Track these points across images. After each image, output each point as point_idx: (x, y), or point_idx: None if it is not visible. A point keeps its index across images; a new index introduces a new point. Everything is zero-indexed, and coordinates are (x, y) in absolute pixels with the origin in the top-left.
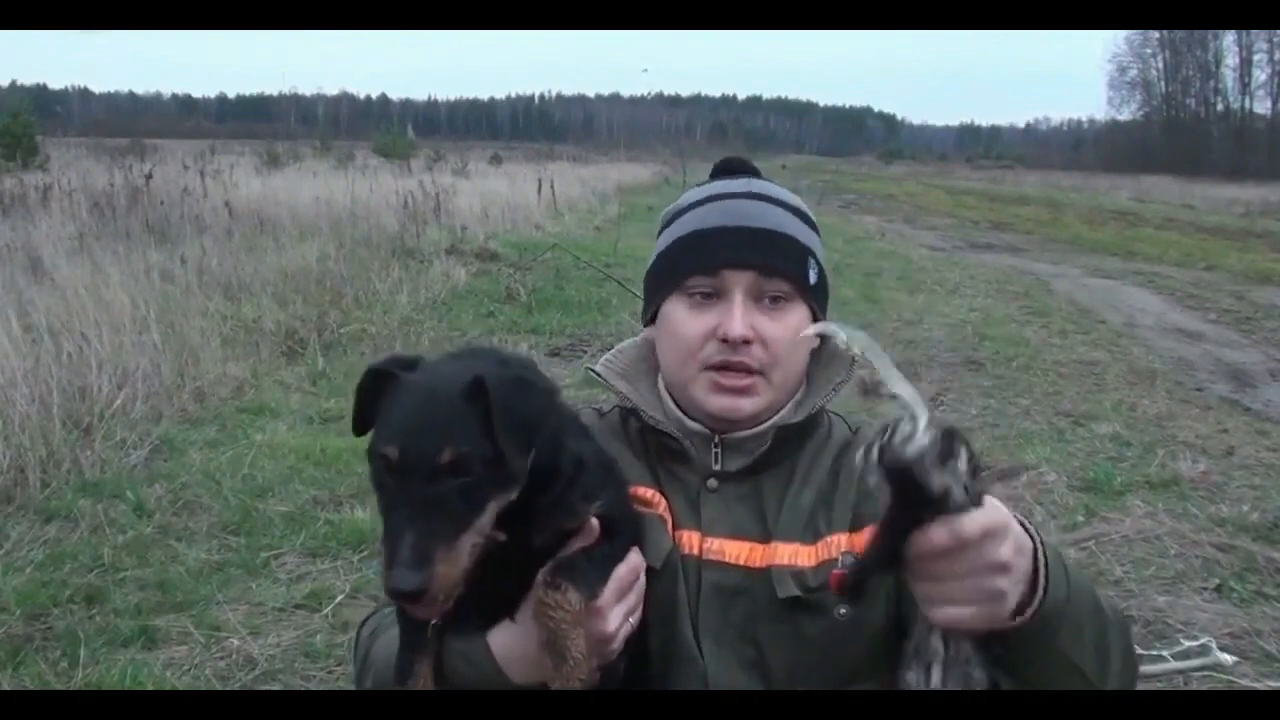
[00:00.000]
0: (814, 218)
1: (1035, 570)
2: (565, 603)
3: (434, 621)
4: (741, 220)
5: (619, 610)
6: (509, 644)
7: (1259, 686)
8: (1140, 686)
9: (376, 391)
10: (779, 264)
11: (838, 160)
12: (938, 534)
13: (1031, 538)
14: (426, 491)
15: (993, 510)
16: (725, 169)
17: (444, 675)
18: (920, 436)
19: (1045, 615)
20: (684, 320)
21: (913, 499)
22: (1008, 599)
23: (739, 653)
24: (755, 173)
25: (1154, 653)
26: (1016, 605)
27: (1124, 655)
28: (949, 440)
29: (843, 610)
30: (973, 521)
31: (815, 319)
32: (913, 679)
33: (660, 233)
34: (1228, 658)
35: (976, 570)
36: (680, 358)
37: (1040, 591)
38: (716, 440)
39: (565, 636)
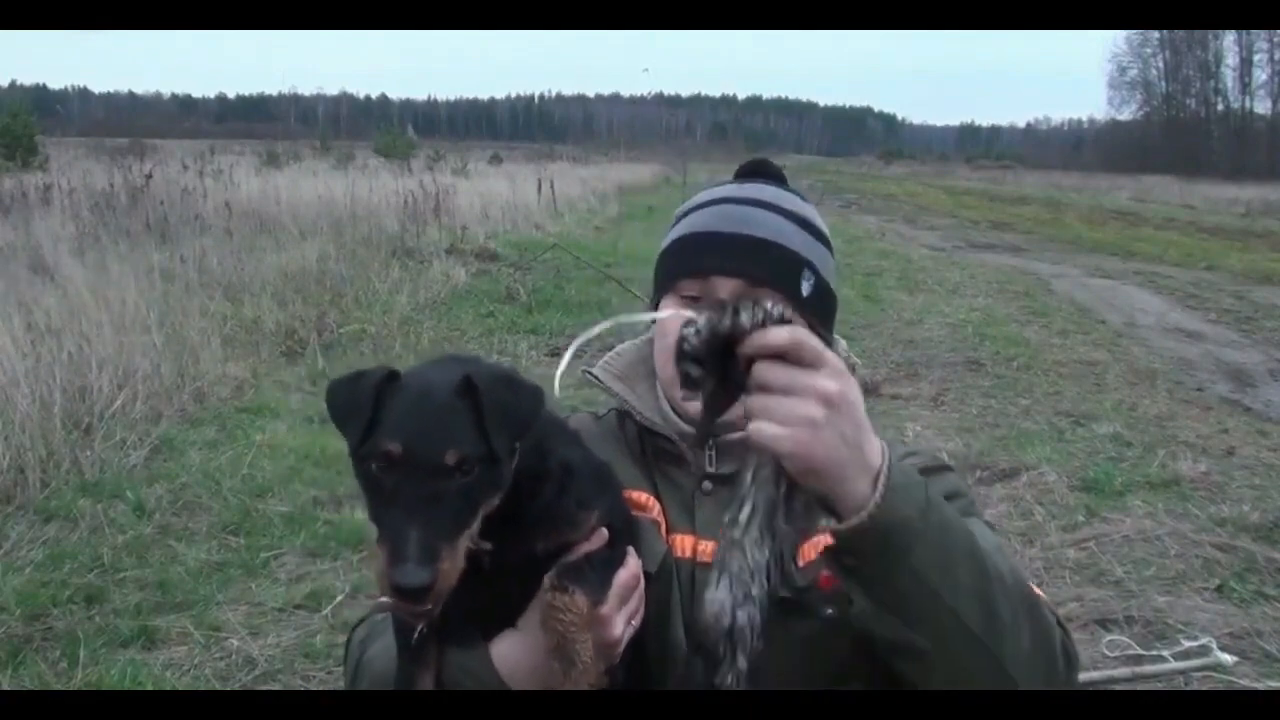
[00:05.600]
0: (824, 229)
1: (877, 476)
2: (574, 605)
3: (421, 628)
4: (737, 227)
5: (622, 615)
6: (513, 654)
7: (1259, 686)
8: (1140, 687)
9: (382, 394)
10: (767, 274)
11: (838, 160)
12: (778, 333)
13: (884, 451)
14: (430, 489)
15: (831, 346)
16: (746, 171)
17: (444, 688)
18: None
19: (887, 526)
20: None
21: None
22: (822, 436)
23: None
24: (778, 177)
25: (1154, 653)
26: (852, 500)
27: (1034, 636)
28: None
29: (830, 610)
30: (809, 334)
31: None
32: (726, 519)
33: (671, 229)
34: (1228, 658)
35: (800, 389)
36: (665, 357)
37: (877, 494)
38: (710, 442)
39: (574, 641)
